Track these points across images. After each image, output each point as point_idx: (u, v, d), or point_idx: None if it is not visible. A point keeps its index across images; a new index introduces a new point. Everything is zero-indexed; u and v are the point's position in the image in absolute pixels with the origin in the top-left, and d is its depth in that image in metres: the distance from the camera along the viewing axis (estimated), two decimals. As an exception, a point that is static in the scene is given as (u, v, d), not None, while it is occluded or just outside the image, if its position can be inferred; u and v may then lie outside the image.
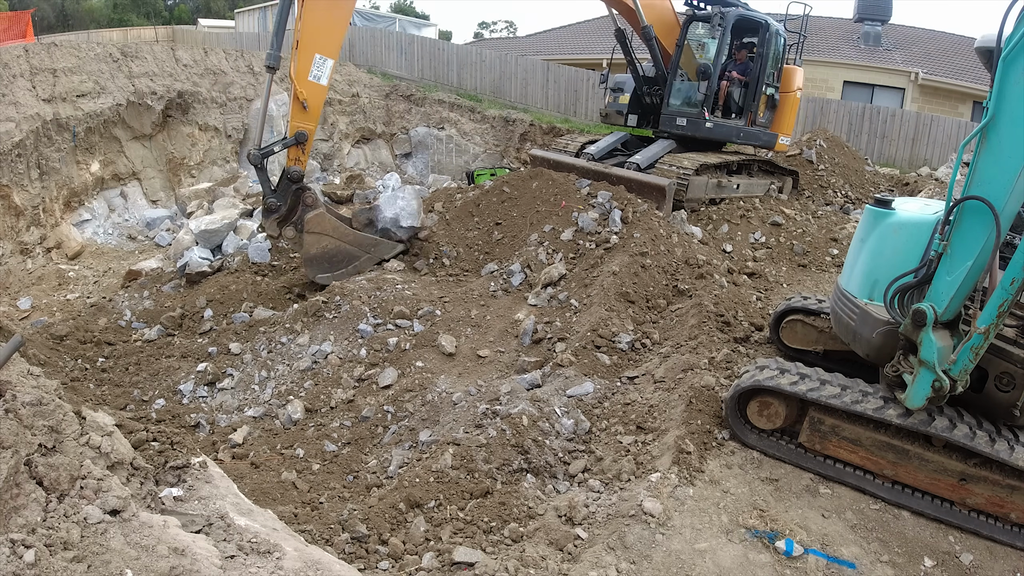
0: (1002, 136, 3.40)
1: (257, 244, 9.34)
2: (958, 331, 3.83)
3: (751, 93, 10.27)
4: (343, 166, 16.75)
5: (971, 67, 19.66)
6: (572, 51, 24.50)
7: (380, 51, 21.12)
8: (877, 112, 16.04)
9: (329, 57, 7.20)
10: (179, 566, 2.14)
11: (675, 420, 4.64)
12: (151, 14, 46.54)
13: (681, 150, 10.14)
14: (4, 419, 2.18)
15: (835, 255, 8.89)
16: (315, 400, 5.86)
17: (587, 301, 6.73)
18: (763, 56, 10.08)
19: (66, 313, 7.93)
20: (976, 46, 3.82)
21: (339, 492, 4.70)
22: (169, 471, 2.84)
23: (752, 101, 10.27)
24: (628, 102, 11.12)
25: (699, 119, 9.93)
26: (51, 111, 11.62)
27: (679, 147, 10.25)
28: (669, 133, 10.39)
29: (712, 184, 9.62)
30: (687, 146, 10.29)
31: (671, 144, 10.28)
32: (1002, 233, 3.49)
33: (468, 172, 13.94)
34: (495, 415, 4.96)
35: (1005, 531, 3.93)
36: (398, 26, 27.93)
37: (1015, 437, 3.86)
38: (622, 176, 8.91)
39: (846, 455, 4.22)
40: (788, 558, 3.62)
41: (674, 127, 10.26)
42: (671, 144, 10.28)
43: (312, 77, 7.16)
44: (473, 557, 3.61)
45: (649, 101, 10.85)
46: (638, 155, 9.93)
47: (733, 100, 10.41)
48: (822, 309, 5.50)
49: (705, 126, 9.91)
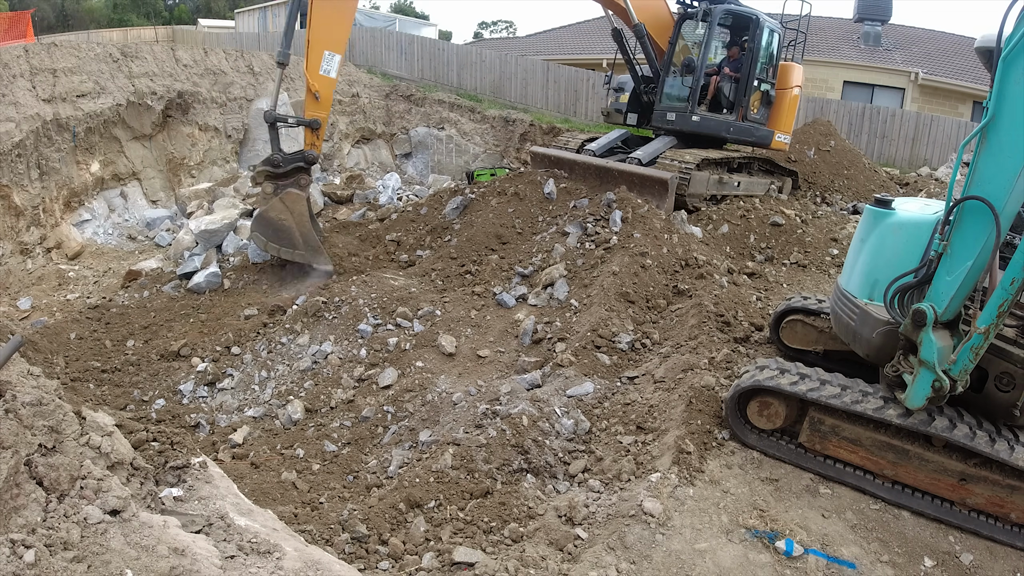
0: (1002, 136, 3.40)
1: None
2: (958, 331, 3.83)
3: (741, 88, 10.25)
4: (343, 166, 16.74)
5: (971, 67, 19.67)
6: (572, 51, 24.51)
7: (380, 51, 21.12)
8: (877, 112, 16.04)
9: (336, 52, 7.92)
10: (179, 566, 2.14)
11: (675, 420, 4.63)
12: (151, 14, 46.55)
13: (681, 146, 10.15)
14: (4, 419, 2.18)
15: (835, 255, 8.89)
16: (315, 400, 5.86)
17: (587, 301, 6.73)
18: (753, 51, 10.05)
19: (66, 313, 7.93)
20: (976, 46, 3.81)
21: (339, 492, 4.70)
22: (169, 471, 2.84)
23: (743, 96, 10.24)
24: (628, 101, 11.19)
25: (686, 113, 9.98)
26: (51, 111, 11.61)
27: (679, 144, 10.27)
28: (663, 129, 10.45)
29: (713, 180, 9.63)
30: (687, 143, 10.30)
31: (672, 140, 10.31)
32: (1002, 233, 3.48)
33: (468, 172, 13.95)
34: (495, 415, 4.96)
35: (1005, 531, 3.93)
36: (398, 26, 27.94)
37: (1015, 437, 3.85)
38: (624, 171, 8.90)
39: (846, 455, 4.22)
40: (788, 558, 3.62)
41: (664, 122, 10.34)
42: (672, 140, 10.31)
43: (322, 71, 7.89)
44: (473, 557, 3.61)
45: (647, 100, 10.90)
46: (639, 151, 9.95)
47: (724, 95, 10.40)
48: (822, 309, 5.50)
49: (692, 120, 9.95)
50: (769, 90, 10.57)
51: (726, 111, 10.40)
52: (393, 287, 7.36)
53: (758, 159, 10.78)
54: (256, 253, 9.11)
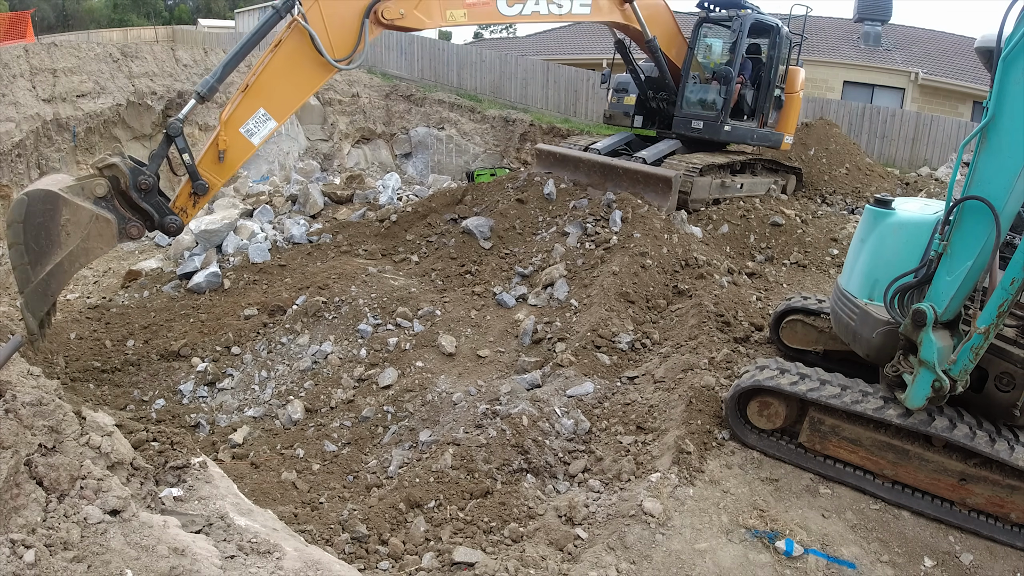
0: (1002, 136, 3.40)
1: (257, 244, 9.33)
2: (958, 331, 3.83)
3: (763, 95, 10.32)
4: (343, 166, 16.75)
5: (971, 67, 19.67)
6: (572, 51, 24.52)
7: (380, 51, 21.12)
8: (877, 112, 16.05)
9: (273, 118, 6.14)
10: (179, 566, 2.14)
11: (675, 420, 4.63)
12: (151, 14, 46.54)
13: (685, 151, 10.16)
14: (4, 419, 2.18)
15: (835, 255, 8.89)
16: (315, 400, 5.86)
17: (587, 301, 6.73)
18: (774, 59, 10.15)
19: (66, 313, 7.92)
20: (976, 46, 3.82)
21: (339, 492, 4.70)
22: (169, 471, 2.85)
23: (764, 103, 10.34)
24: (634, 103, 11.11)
25: (717, 122, 9.94)
26: (51, 111, 11.62)
27: (684, 148, 10.28)
28: (682, 136, 10.38)
29: (716, 185, 9.64)
30: (692, 147, 10.30)
31: (676, 144, 10.31)
32: (1002, 233, 3.49)
33: (468, 172, 13.96)
34: (495, 415, 4.96)
35: (1005, 531, 3.93)
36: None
37: (1015, 437, 3.85)
38: (629, 168, 8.87)
39: (846, 455, 4.22)
40: (788, 558, 3.62)
41: (690, 129, 10.23)
42: (676, 144, 10.31)
43: (245, 130, 6.02)
44: (473, 557, 3.61)
45: (654, 105, 10.83)
46: (644, 151, 9.95)
47: (746, 103, 10.43)
48: (822, 309, 5.50)
49: (724, 129, 9.95)
50: (780, 95, 10.68)
51: (747, 118, 10.46)
52: (393, 287, 7.36)
53: (762, 159, 10.82)
54: (256, 253, 9.11)
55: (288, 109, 6.32)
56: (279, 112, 6.16)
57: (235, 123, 6.00)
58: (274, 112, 6.11)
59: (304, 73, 6.19)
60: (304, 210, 11.35)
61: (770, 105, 10.42)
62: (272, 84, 6.07)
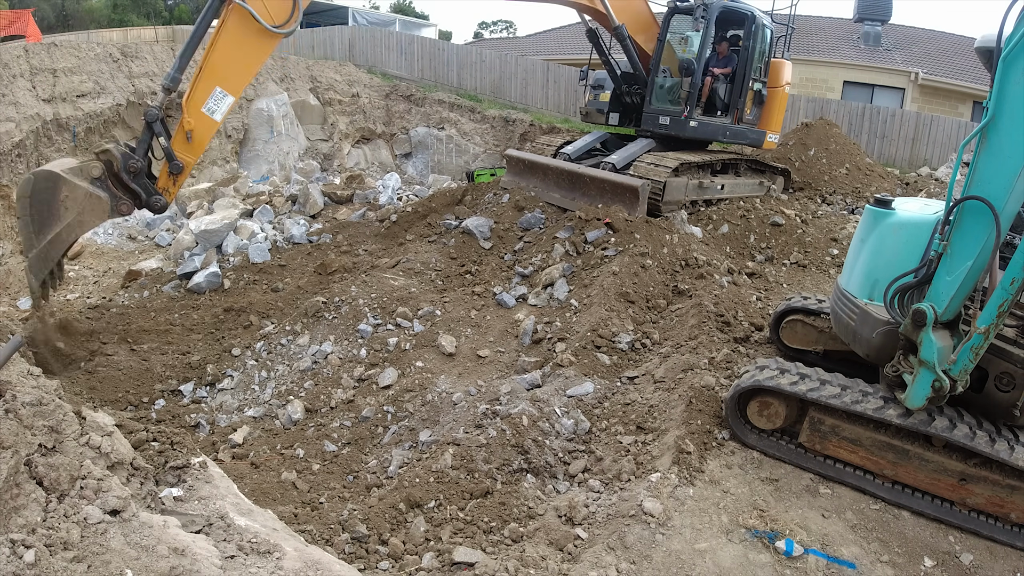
0: (1002, 136, 3.40)
1: (257, 244, 9.34)
2: (958, 331, 3.83)
3: (737, 89, 9.73)
4: (343, 166, 16.75)
5: (971, 67, 19.68)
6: (572, 51, 24.50)
7: (380, 51, 21.13)
8: (877, 112, 16.06)
9: (230, 94, 6.53)
10: (179, 566, 2.14)
11: (675, 420, 4.64)
12: (151, 14, 46.49)
13: (661, 149, 9.64)
14: (4, 419, 2.18)
15: (835, 255, 8.89)
16: (315, 400, 5.86)
17: (587, 301, 6.73)
18: (749, 50, 9.55)
19: (66, 313, 7.91)
20: (976, 46, 3.82)
21: (339, 492, 4.70)
22: (169, 471, 2.85)
23: (739, 97, 9.72)
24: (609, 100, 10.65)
25: (682, 118, 9.36)
26: (51, 111, 11.62)
27: (660, 146, 9.78)
28: (652, 132, 9.88)
29: (692, 185, 9.17)
30: (668, 145, 9.80)
31: (650, 143, 9.81)
32: (1002, 233, 3.49)
33: (468, 172, 13.94)
34: (495, 415, 4.96)
35: (1005, 531, 3.93)
36: (398, 26, 27.92)
37: (1015, 437, 3.85)
38: (595, 177, 8.55)
39: (846, 455, 4.22)
40: (788, 558, 3.62)
41: (657, 126, 9.73)
42: (650, 143, 9.81)
43: (206, 109, 6.45)
44: (473, 557, 3.61)
45: (629, 100, 10.37)
46: (615, 155, 9.50)
47: (718, 97, 9.86)
48: (822, 309, 5.50)
49: (689, 125, 9.38)
50: (761, 89, 10.07)
51: (720, 113, 9.92)
52: (393, 287, 7.36)
53: (745, 159, 10.32)
54: (256, 253, 9.11)
55: (242, 83, 6.70)
56: (234, 87, 6.57)
57: (195, 104, 6.44)
58: (229, 88, 6.53)
59: (250, 46, 6.52)
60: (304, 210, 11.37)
61: (746, 100, 9.73)
62: (222, 63, 6.43)
